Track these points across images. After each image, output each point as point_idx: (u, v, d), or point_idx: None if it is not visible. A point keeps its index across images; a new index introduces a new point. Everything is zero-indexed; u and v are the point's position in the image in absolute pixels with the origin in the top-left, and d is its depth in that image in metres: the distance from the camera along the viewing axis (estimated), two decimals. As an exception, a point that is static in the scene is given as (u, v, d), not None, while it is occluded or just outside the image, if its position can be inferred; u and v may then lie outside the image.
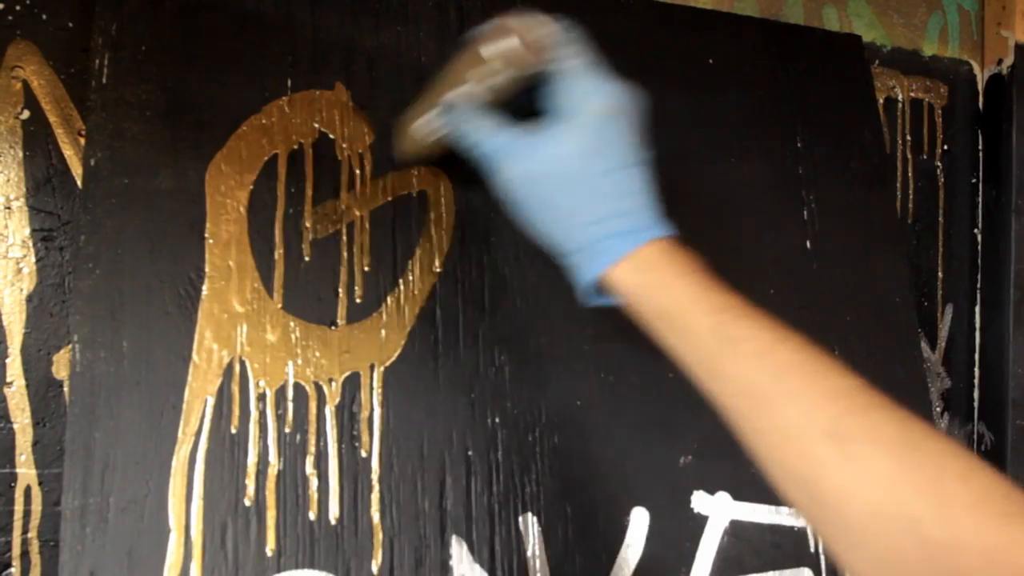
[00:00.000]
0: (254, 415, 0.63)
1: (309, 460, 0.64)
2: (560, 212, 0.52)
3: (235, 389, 0.63)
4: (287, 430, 0.63)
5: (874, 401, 0.45)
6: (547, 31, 0.53)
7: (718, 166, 0.81)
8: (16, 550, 0.63)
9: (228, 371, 0.63)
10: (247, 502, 0.61)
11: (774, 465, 0.47)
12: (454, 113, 0.57)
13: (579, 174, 0.51)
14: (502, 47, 0.53)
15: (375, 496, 0.65)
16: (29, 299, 0.65)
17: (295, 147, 0.68)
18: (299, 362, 0.65)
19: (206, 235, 0.64)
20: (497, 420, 0.69)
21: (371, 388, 0.66)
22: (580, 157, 0.51)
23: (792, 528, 0.76)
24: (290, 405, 0.64)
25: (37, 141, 0.66)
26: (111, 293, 0.61)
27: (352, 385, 0.66)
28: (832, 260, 0.83)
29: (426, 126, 0.61)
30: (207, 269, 0.64)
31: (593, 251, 0.52)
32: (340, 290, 0.67)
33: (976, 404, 0.97)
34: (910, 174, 0.96)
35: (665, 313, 0.50)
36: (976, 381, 0.97)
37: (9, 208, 0.65)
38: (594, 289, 0.54)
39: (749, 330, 0.48)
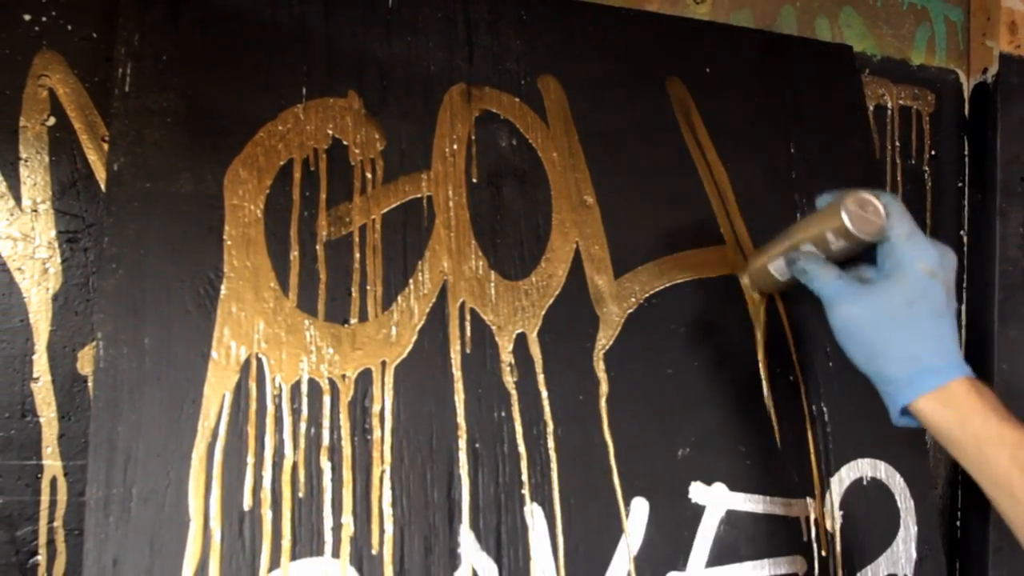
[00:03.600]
0: (270, 410, 0.62)
1: (323, 453, 0.63)
2: (882, 348, 0.60)
3: (252, 385, 0.62)
4: (302, 424, 0.63)
5: None
6: (875, 208, 0.61)
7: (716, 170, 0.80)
8: (42, 539, 0.63)
9: (245, 367, 0.63)
10: (263, 493, 0.61)
11: None
12: (805, 261, 0.65)
13: (902, 319, 0.59)
14: (841, 227, 0.61)
15: (386, 487, 0.64)
16: (55, 298, 0.65)
17: (309, 153, 0.68)
18: (313, 359, 0.64)
19: (224, 237, 0.64)
20: (503, 414, 0.68)
21: (382, 383, 0.66)
22: (905, 305, 0.59)
23: (785, 518, 0.75)
24: (305, 400, 0.63)
25: (63, 147, 0.66)
26: (133, 292, 0.61)
27: (364, 381, 0.65)
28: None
29: (776, 270, 0.71)
30: (225, 269, 0.64)
31: (906, 384, 0.59)
32: (353, 290, 0.67)
33: (962, 399, 0.96)
34: (899, 178, 0.95)
35: (967, 443, 0.57)
36: (962, 377, 0.97)
37: (36, 211, 0.65)
38: (903, 414, 0.61)
39: None
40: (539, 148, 0.74)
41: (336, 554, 0.62)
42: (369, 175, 0.69)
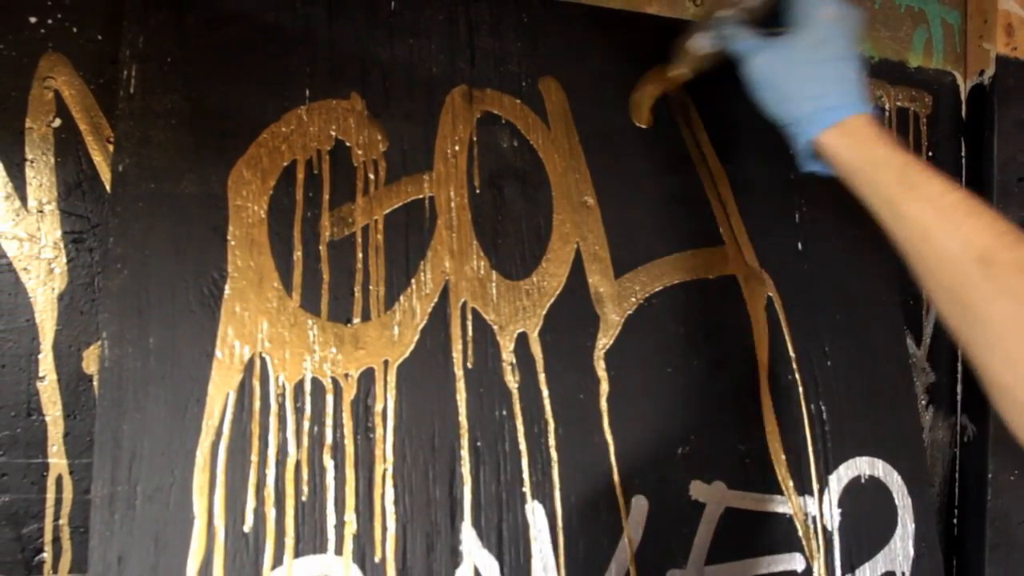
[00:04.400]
0: (274, 408, 0.62)
1: (326, 451, 0.63)
2: (788, 90, 0.65)
3: (256, 384, 0.62)
4: (305, 422, 0.63)
5: (1020, 239, 0.54)
6: None
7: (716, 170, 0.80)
8: (48, 536, 0.63)
9: (249, 366, 0.62)
10: (267, 491, 0.61)
11: (933, 285, 0.57)
12: (721, 28, 0.69)
13: (806, 62, 0.64)
14: None
15: (389, 485, 0.64)
16: (60, 298, 0.65)
17: (313, 154, 0.68)
18: (316, 358, 0.64)
19: (228, 237, 0.64)
20: (504, 413, 0.68)
21: (385, 382, 0.66)
22: (808, 49, 0.64)
23: (784, 515, 0.75)
24: (308, 399, 0.63)
25: (68, 148, 0.66)
26: (138, 292, 0.61)
27: (367, 379, 0.65)
28: (822, 261, 0.82)
29: (700, 41, 0.72)
30: (229, 269, 0.64)
31: (811, 121, 0.64)
32: (355, 289, 0.67)
33: (959, 397, 0.96)
34: (896, 179, 0.95)
35: (861, 167, 0.61)
36: (959, 376, 0.97)
37: (42, 211, 0.64)
38: (808, 154, 0.66)
39: (925, 179, 0.58)
40: (540, 149, 0.74)
41: (339, 551, 0.62)
42: (372, 176, 0.69)
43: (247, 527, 0.60)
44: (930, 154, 0.97)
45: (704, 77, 0.75)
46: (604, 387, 0.71)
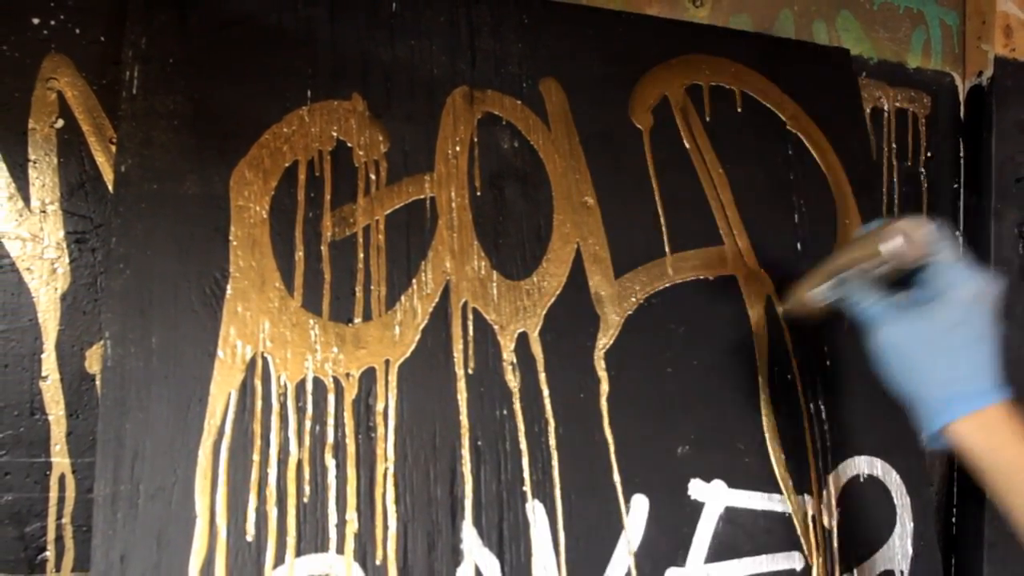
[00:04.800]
0: (275, 408, 0.62)
1: (327, 450, 0.63)
2: (920, 370, 0.60)
3: (258, 383, 0.62)
4: (307, 422, 0.63)
5: None
6: (928, 231, 0.61)
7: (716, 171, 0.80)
8: (51, 535, 0.63)
9: (251, 366, 0.62)
10: (269, 490, 0.61)
11: None
12: (846, 287, 0.66)
13: (943, 343, 0.59)
14: (895, 247, 0.61)
15: (390, 484, 0.64)
16: (63, 298, 0.64)
17: (314, 154, 0.68)
18: (318, 357, 0.64)
19: (230, 237, 0.64)
20: (505, 412, 0.68)
21: (386, 382, 0.66)
22: (946, 329, 0.59)
23: (783, 514, 0.75)
24: (309, 398, 0.63)
25: (71, 148, 0.65)
26: (141, 292, 0.61)
27: (368, 379, 0.65)
28: (821, 261, 0.82)
29: (821, 294, 0.70)
30: (231, 270, 0.63)
31: (943, 406, 0.59)
32: (357, 289, 0.67)
33: (957, 397, 0.96)
34: (895, 180, 0.95)
35: (1000, 467, 0.57)
36: (957, 376, 0.97)
37: (45, 212, 0.64)
38: (938, 436, 0.61)
39: None
40: (540, 150, 0.74)
41: (340, 550, 0.62)
42: (373, 177, 0.69)
43: (249, 526, 0.60)
44: (928, 154, 0.97)
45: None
46: (604, 387, 0.71)
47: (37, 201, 0.64)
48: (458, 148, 0.72)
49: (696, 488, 0.73)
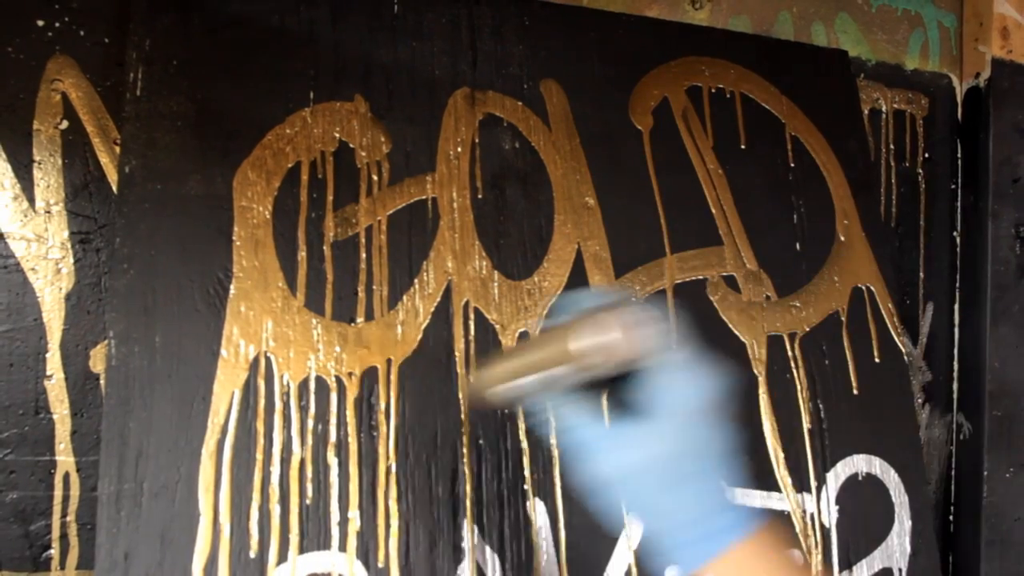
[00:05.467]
0: (278, 407, 0.62)
1: (330, 449, 0.63)
2: (654, 510, 0.48)
3: (260, 382, 0.62)
4: (309, 421, 0.63)
5: None
6: (644, 327, 0.47)
7: (717, 173, 0.80)
8: (56, 532, 0.63)
9: (254, 365, 0.62)
10: (272, 488, 0.61)
11: None
12: (548, 393, 0.51)
13: (671, 475, 0.47)
14: (586, 348, 0.47)
15: (392, 482, 0.64)
16: (68, 297, 0.64)
17: (317, 155, 0.67)
18: (320, 357, 0.64)
19: (233, 237, 0.64)
20: (506, 411, 0.68)
21: (388, 381, 0.66)
22: (673, 457, 0.47)
23: (782, 512, 0.75)
24: (312, 397, 0.63)
25: (75, 149, 0.65)
26: (144, 292, 0.61)
27: (370, 378, 0.65)
28: (820, 261, 0.82)
29: (513, 393, 0.51)
30: (234, 269, 0.63)
31: (682, 552, 0.48)
32: (359, 289, 0.66)
33: (955, 396, 0.96)
34: (893, 180, 0.95)
35: None
36: (955, 374, 0.96)
37: (49, 212, 0.64)
38: None
39: None
40: (541, 151, 0.74)
41: (343, 548, 0.62)
42: (375, 177, 0.69)
43: (252, 524, 0.60)
44: (926, 155, 0.97)
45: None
46: (604, 385, 0.71)
47: (42, 202, 0.64)
48: (459, 149, 0.71)
49: (696, 486, 0.73)
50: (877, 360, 0.82)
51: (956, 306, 0.97)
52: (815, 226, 0.83)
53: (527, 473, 0.67)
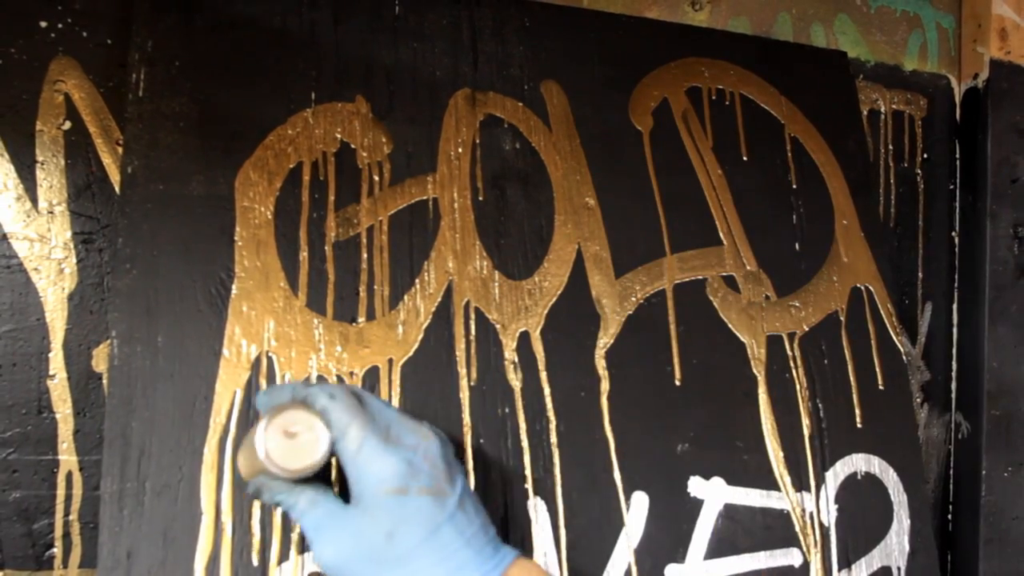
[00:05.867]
0: (280, 406, 0.62)
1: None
2: None
3: (262, 382, 0.62)
4: (311, 420, 0.63)
5: None
6: (303, 415, 0.48)
7: (715, 174, 0.80)
8: (58, 531, 0.63)
9: (256, 365, 0.62)
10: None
11: None
12: (267, 490, 0.50)
13: (390, 557, 0.46)
14: (243, 466, 0.49)
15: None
16: (70, 297, 0.64)
17: (318, 156, 0.67)
18: (322, 356, 0.64)
19: (235, 238, 0.64)
20: (507, 410, 0.68)
21: (389, 381, 0.66)
22: (386, 539, 0.46)
23: (782, 511, 0.75)
24: (314, 396, 0.63)
25: (78, 150, 0.65)
26: (147, 292, 0.61)
27: (371, 378, 0.65)
28: (819, 261, 0.82)
29: (252, 487, 0.52)
30: (236, 270, 0.63)
31: None
32: (360, 289, 0.66)
33: (954, 395, 0.96)
34: (892, 181, 0.95)
35: None
36: (954, 374, 0.96)
37: (52, 212, 0.64)
38: None
39: None
40: (542, 151, 0.74)
41: (344, 547, 0.62)
42: (376, 178, 0.69)
43: (254, 522, 0.60)
44: (925, 156, 0.97)
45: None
46: (605, 385, 0.71)
47: (45, 202, 0.64)
48: (460, 149, 0.71)
49: (695, 485, 0.73)
50: (876, 360, 0.82)
51: (955, 306, 0.97)
52: (814, 226, 0.83)
53: (527, 472, 0.67)
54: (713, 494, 0.73)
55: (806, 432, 0.77)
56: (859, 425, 0.80)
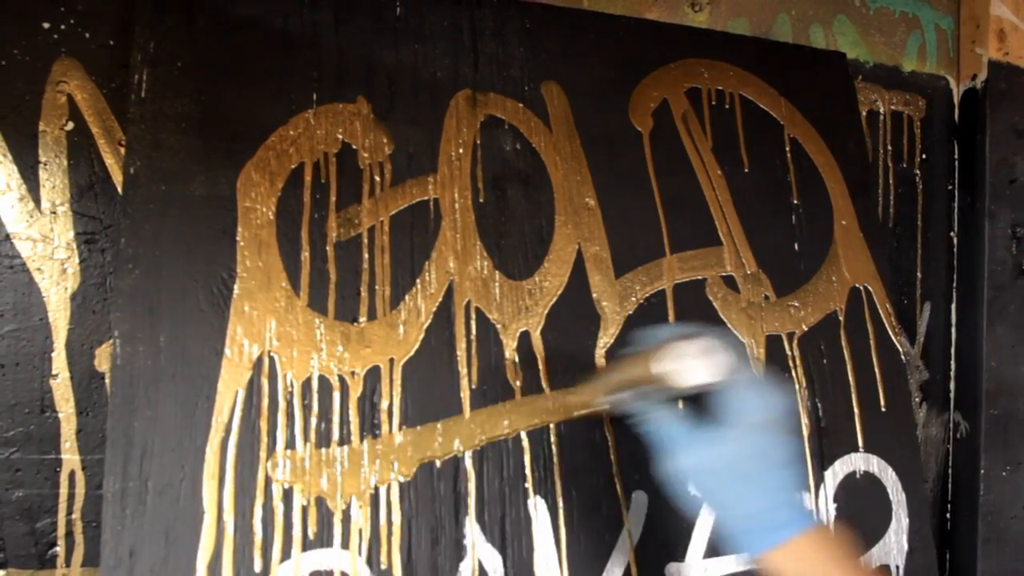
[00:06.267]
0: (282, 405, 0.62)
1: (333, 447, 0.63)
2: (727, 502, 0.56)
3: (264, 381, 0.62)
4: (312, 419, 0.63)
5: None
6: (703, 354, 0.56)
7: (715, 174, 0.80)
8: (61, 530, 0.63)
9: (258, 364, 0.62)
10: (275, 486, 0.61)
11: None
12: (639, 402, 0.59)
13: (742, 474, 0.55)
14: (664, 371, 0.56)
15: (394, 480, 0.64)
16: (73, 297, 0.64)
17: (320, 156, 0.67)
18: (323, 356, 0.64)
19: (237, 238, 0.64)
20: (508, 409, 0.68)
21: (390, 380, 0.65)
22: (743, 460, 0.55)
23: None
24: (315, 396, 0.63)
25: (81, 151, 0.65)
26: (149, 292, 0.61)
27: (373, 377, 0.65)
28: (818, 261, 0.82)
29: (608, 403, 0.62)
30: (238, 270, 0.63)
31: (755, 537, 0.55)
32: (362, 289, 0.66)
33: (952, 395, 0.96)
34: (891, 181, 0.95)
35: None
36: (952, 373, 0.96)
37: (55, 213, 0.64)
38: (751, 564, 0.57)
39: None
40: (542, 152, 0.74)
41: (346, 545, 0.62)
42: (377, 178, 0.69)
43: (256, 521, 0.60)
44: (923, 156, 0.97)
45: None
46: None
47: (47, 202, 0.64)
48: (461, 150, 0.71)
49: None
50: (875, 359, 0.82)
51: (953, 306, 0.97)
52: (813, 226, 0.83)
53: (528, 471, 0.67)
54: (713, 493, 0.73)
55: (805, 432, 0.77)
56: (858, 424, 0.80)
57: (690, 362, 0.56)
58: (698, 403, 0.58)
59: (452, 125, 0.72)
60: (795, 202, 0.83)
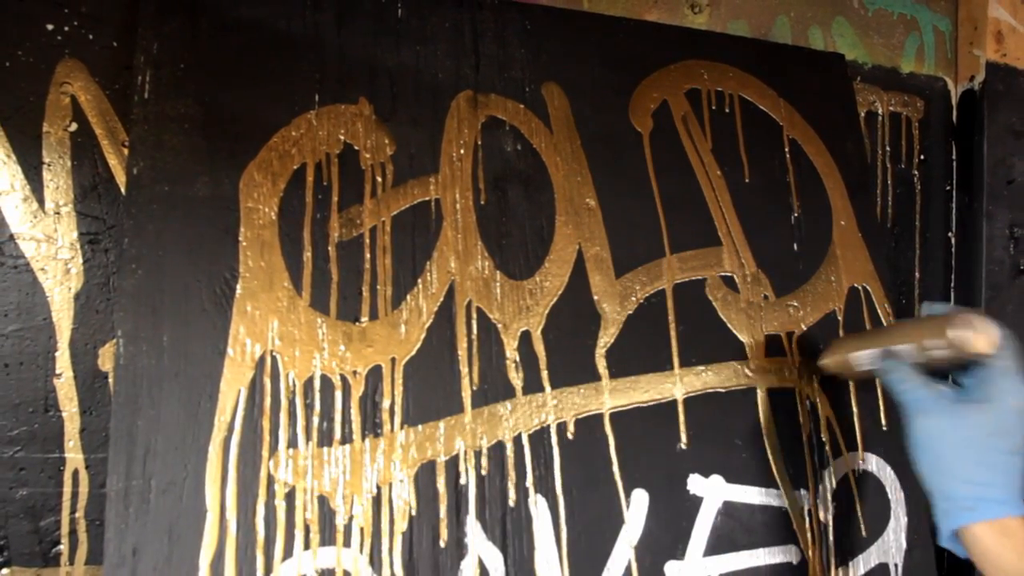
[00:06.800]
0: (284, 404, 0.62)
1: (335, 446, 0.63)
2: (952, 466, 0.58)
3: (266, 381, 0.62)
4: (314, 418, 0.63)
5: None
6: (995, 334, 0.60)
7: (715, 175, 0.80)
8: (65, 528, 0.63)
9: (260, 364, 0.62)
10: (277, 485, 0.61)
11: None
12: (891, 362, 0.65)
13: (982, 446, 0.58)
14: (962, 336, 0.60)
15: (396, 479, 0.64)
16: (77, 297, 0.64)
17: (322, 157, 0.67)
18: (325, 356, 0.64)
19: (240, 238, 0.64)
20: (509, 408, 0.68)
21: (392, 379, 0.65)
22: (988, 435, 0.58)
23: (780, 508, 0.75)
24: (317, 395, 0.63)
25: (84, 151, 0.65)
26: (152, 292, 0.61)
27: (374, 377, 0.65)
28: (817, 261, 0.82)
29: (864, 360, 0.69)
30: (241, 270, 0.63)
31: (967, 507, 0.58)
32: (363, 289, 0.66)
33: (950, 394, 0.96)
34: (889, 182, 0.95)
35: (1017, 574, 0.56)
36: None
37: (59, 213, 0.64)
38: (951, 535, 0.60)
39: None
40: (543, 153, 0.74)
41: (348, 544, 0.62)
42: (379, 179, 0.69)
43: (258, 520, 0.60)
44: (921, 157, 0.97)
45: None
46: (605, 384, 0.71)
47: (51, 203, 0.64)
48: (462, 151, 0.71)
49: (695, 483, 0.73)
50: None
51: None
52: (812, 227, 0.83)
53: (528, 470, 0.67)
54: (712, 492, 0.73)
55: (804, 431, 0.77)
56: (857, 423, 0.80)
57: (983, 330, 0.60)
58: (944, 378, 0.63)
59: (453, 126, 0.72)
60: (794, 203, 0.83)
